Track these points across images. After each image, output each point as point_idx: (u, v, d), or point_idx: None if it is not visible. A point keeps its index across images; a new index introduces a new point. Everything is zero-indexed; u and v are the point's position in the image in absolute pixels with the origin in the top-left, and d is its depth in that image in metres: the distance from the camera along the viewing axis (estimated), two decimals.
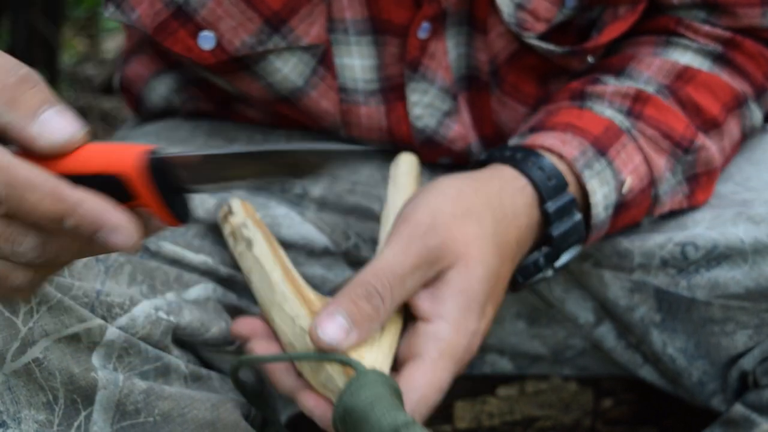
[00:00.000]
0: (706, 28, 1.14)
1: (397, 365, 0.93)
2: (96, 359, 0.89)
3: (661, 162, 1.08)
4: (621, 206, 1.06)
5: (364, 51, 1.06)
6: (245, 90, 1.09)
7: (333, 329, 0.87)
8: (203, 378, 0.98)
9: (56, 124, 0.72)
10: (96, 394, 0.89)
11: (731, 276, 1.07)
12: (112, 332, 0.90)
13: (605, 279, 1.12)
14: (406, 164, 1.08)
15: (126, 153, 0.73)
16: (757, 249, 1.05)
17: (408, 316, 0.95)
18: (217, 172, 0.75)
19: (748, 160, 1.17)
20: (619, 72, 1.13)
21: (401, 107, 1.09)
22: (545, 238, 1.03)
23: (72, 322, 0.88)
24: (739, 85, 1.14)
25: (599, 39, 1.11)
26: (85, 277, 0.91)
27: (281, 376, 0.94)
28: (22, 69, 0.72)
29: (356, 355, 0.89)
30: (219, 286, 1.04)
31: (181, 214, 0.76)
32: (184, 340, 0.98)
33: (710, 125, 1.12)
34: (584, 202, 1.04)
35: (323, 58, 1.06)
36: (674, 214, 1.12)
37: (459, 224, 0.95)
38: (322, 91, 1.08)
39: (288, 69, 1.06)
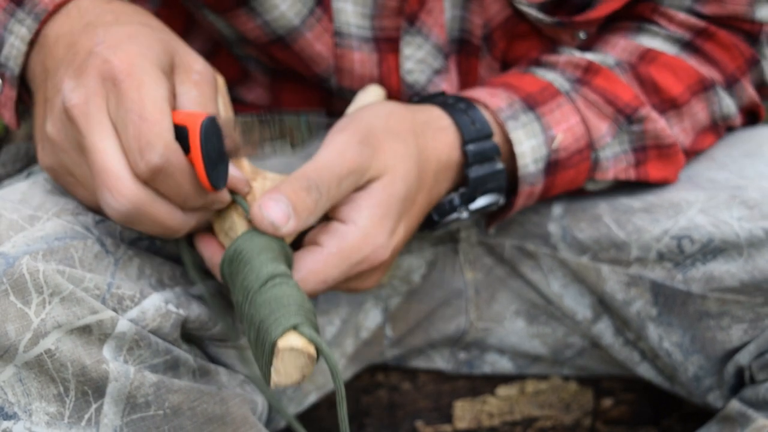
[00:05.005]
0: (681, 16, 1.17)
1: (298, 248, 0.99)
2: (107, 351, 0.90)
3: (601, 126, 1.11)
4: (555, 164, 1.09)
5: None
6: (242, 30, 1.11)
7: (276, 211, 0.93)
8: (211, 373, 0.98)
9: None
10: (107, 386, 0.89)
11: (726, 269, 1.08)
12: (123, 324, 0.90)
13: (603, 273, 1.14)
14: (373, 93, 1.11)
15: (197, 114, 0.90)
16: (752, 242, 1.06)
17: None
18: (248, 134, 0.92)
19: (743, 153, 1.19)
20: (583, 49, 1.16)
21: (393, 59, 1.12)
22: (463, 180, 1.07)
23: (84, 313, 0.88)
24: (706, 71, 1.16)
25: (591, 13, 1.13)
26: (96, 268, 0.92)
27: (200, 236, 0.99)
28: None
29: None
30: (223, 285, 1.05)
31: (215, 180, 0.90)
32: (190, 335, 0.99)
33: (668, 104, 1.14)
34: (512, 155, 1.09)
35: (322, 0, 1.08)
36: (668, 195, 1.13)
37: (389, 140, 1.01)
38: (317, 33, 1.10)
39: (286, 6, 1.08)
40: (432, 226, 1.09)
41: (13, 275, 0.87)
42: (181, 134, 0.90)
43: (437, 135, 1.05)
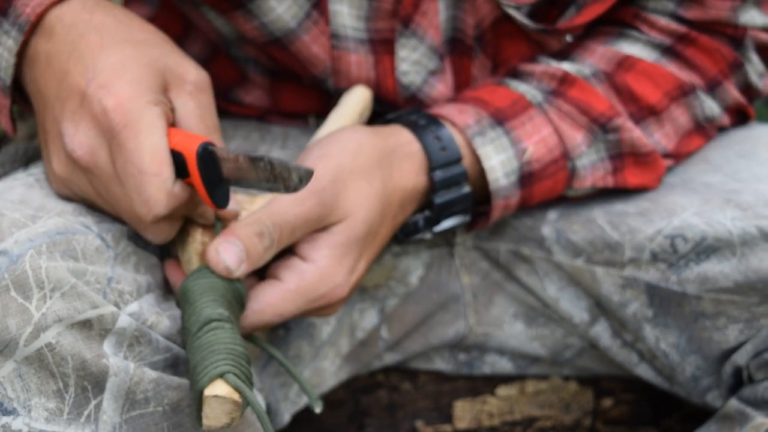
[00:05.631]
0: (662, 22, 1.17)
1: (263, 277, 1.02)
2: (107, 347, 0.90)
3: (576, 135, 1.12)
4: (530, 175, 1.11)
5: (354, 1, 1.10)
6: (241, 30, 1.12)
7: (231, 255, 0.96)
8: None
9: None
10: (107, 381, 0.89)
11: (720, 270, 1.08)
12: (123, 320, 0.91)
13: (598, 276, 1.15)
14: (358, 96, 1.12)
15: (192, 139, 0.93)
16: (745, 240, 1.07)
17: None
18: (238, 172, 0.93)
19: (738, 153, 1.19)
20: (562, 56, 1.17)
21: (389, 61, 1.13)
22: (429, 204, 1.09)
23: (85, 308, 0.89)
24: (686, 76, 1.17)
25: (575, 19, 1.14)
26: (96, 261, 0.93)
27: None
28: None
29: None
30: None
31: (219, 201, 0.94)
32: None
33: (647, 112, 1.15)
34: (482, 171, 1.10)
35: (318, 2, 1.10)
36: (663, 200, 1.14)
37: (353, 181, 1.03)
38: (313, 35, 1.11)
39: (282, 9, 1.09)
40: (397, 241, 1.12)
41: (14, 271, 0.88)
42: (178, 159, 0.93)
43: (404, 162, 1.07)
